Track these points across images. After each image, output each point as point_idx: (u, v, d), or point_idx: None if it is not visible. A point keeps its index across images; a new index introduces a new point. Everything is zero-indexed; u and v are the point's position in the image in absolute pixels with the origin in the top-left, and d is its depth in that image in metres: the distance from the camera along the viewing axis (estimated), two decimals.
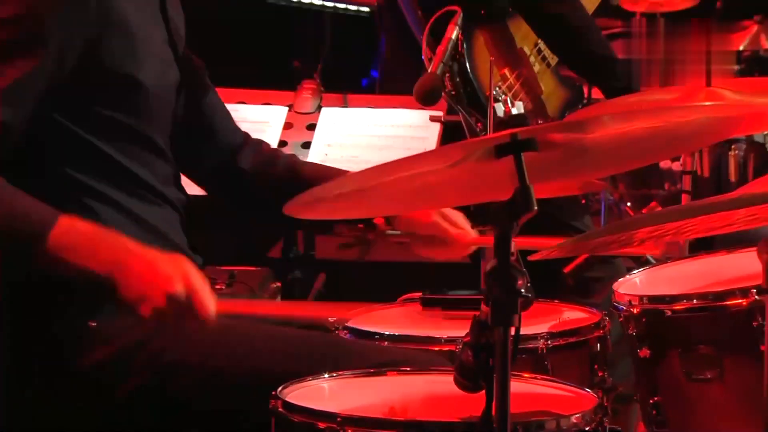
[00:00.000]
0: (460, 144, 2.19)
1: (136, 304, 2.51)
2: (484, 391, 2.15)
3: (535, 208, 2.11)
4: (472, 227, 3.07)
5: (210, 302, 2.53)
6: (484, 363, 2.14)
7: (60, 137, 2.65)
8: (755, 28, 6.26)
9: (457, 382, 2.20)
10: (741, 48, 6.21)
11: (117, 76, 2.69)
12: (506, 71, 4.08)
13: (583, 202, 4.65)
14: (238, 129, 3.12)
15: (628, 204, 5.28)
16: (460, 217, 3.02)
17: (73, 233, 2.52)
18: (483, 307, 2.16)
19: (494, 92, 4.07)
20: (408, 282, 3.30)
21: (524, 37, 4.26)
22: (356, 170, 2.81)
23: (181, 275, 2.53)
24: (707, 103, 2.81)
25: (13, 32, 2.57)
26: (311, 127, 3.62)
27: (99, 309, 2.62)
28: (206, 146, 3.03)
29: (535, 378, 2.58)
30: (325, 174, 3.04)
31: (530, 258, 2.36)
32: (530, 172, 2.12)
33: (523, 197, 2.09)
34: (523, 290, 2.11)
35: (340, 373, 2.55)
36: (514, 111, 2.15)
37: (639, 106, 2.85)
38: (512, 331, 2.10)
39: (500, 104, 2.20)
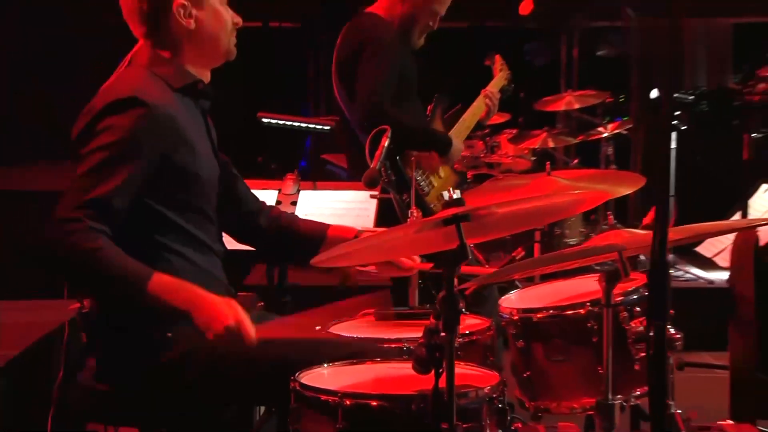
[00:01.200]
0: (423, 220, 2.26)
1: (204, 331, 2.53)
2: (432, 374, 2.16)
3: (470, 256, 2.19)
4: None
5: (251, 331, 2.54)
6: (434, 355, 2.17)
7: (149, 214, 2.64)
8: (545, 134, 6.37)
9: (414, 368, 2.20)
10: (536, 147, 6.33)
11: (185, 173, 2.68)
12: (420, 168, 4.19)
13: None
14: (257, 198, 3.09)
15: None
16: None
17: (163, 284, 2.52)
18: (432, 319, 2.19)
19: (418, 179, 4.18)
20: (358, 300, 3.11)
21: None
22: None
23: (233, 313, 2.54)
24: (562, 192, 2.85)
25: (121, 149, 2.55)
26: (294, 203, 3.61)
27: (174, 325, 2.61)
28: (237, 213, 3.00)
29: (458, 363, 2.46)
30: (311, 225, 3.09)
31: (462, 286, 2.40)
32: (465, 232, 2.19)
33: (461, 251, 2.17)
34: (463, 310, 2.25)
35: (333, 363, 2.53)
36: (455, 196, 2.22)
37: (512, 197, 2.92)
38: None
39: (445, 192, 2.25)
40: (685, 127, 6.14)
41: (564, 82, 8.71)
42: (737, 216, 3.72)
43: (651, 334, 2.12)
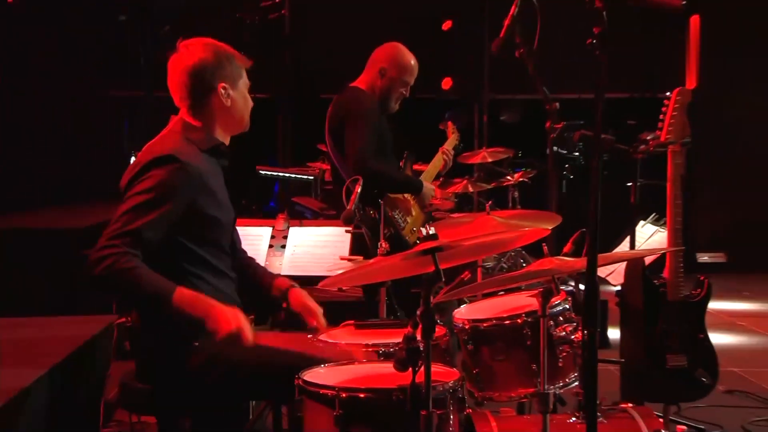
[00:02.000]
0: (406, 252, 2.26)
1: (216, 333, 2.49)
2: (409, 371, 2.13)
3: (443, 279, 2.19)
4: None
5: (250, 334, 2.53)
6: (412, 357, 2.13)
7: (180, 249, 2.61)
8: (465, 181, 6.39)
9: (395, 367, 2.15)
10: (459, 191, 6.35)
11: (208, 217, 2.65)
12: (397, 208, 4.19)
13: None
14: (238, 242, 2.98)
15: None
16: None
17: (185, 297, 2.49)
18: (410, 328, 2.15)
19: (397, 217, 4.20)
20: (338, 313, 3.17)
21: None
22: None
23: (236, 320, 2.51)
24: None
25: (157, 194, 2.53)
26: (285, 237, 3.56)
27: (199, 336, 2.57)
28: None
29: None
30: (261, 272, 3.02)
31: (436, 300, 2.31)
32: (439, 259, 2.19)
33: (436, 275, 2.18)
34: (438, 321, 2.24)
35: (328, 364, 2.49)
36: (431, 232, 2.21)
37: (462, 232, 2.92)
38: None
39: (423, 228, 2.24)
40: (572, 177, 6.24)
41: (477, 141, 8.82)
42: (625, 246, 3.78)
43: (586, 337, 2.19)
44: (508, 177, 6.90)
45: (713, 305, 3.64)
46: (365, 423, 2.25)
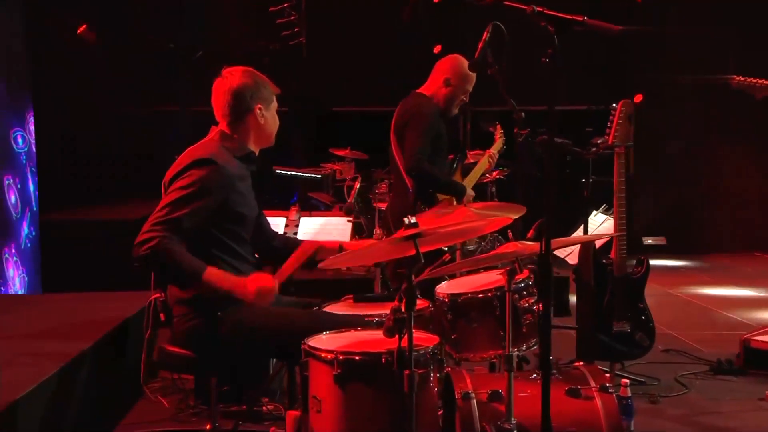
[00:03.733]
0: (392, 237, 2.23)
1: (244, 299, 2.50)
2: (397, 338, 2.12)
3: (422, 260, 2.15)
4: None
5: (271, 287, 2.51)
6: (399, 325, 2.12)
7: (211, 237, 2.58)
8: None
9: (384, 334, 2.15)
10: None
11: (237, 213, 2.63)
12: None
13: None
14: (272, 229, 2.99)
15: None
16: None
17: (213, 274, 2.48)
18: (396, 301, 2.12)
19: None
20: (341, 289, 3.20)
21: None
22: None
23: (255, 283, 2.50)
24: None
25: (195, 188, 2.51)
26: (297, 225, 3.52)
27: (223, 307, 2.56)
28: (260, 238, 2.87)
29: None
30: (294, 243, 2.94)
31: (416, 279, 2.25)
32: (421, 244, 2.15)
33: (417, 256, 2.14)
34: (418, 295, 2.20)
35: (329, 331, 2.47)
36: (412, 221, 2.17)
37: (444, 220, 2.81)
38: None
39: (406, 219, 2.20)
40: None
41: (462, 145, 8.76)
42: (580, 231, 3.73)
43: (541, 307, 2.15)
44: (487, 174, 6.85)
45: (655, 279, 3.60)
46: (360, 380, 2.23)
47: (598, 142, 3.42)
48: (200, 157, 2.56)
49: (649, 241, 8.31)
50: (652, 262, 3.63)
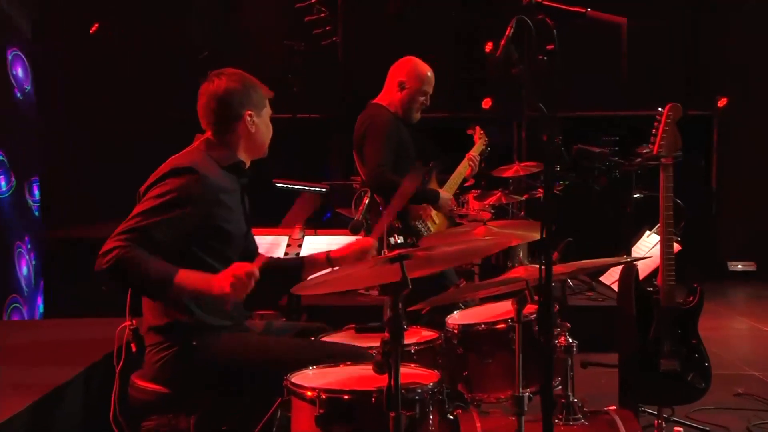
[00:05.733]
0: (375, 259, 2.21)
1: (222, 299, 2.43)
2: (387, 375, 2.08)
3: (410, 286, 2.11)
4: None
5: (253, 271, 2.43)
6: (387, 360, 2.09)
7: (192, 256, 2.54)
8: (500, 193, 6.20)
9: (374, 369, 2.11)
10: (495, 202, 6.18)
11: (220, 229, 2.60)
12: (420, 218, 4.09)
13: None
14: (256, 250, 2.92)
15: None
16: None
17: (186, 275, 2.43)
18: (387, 333, 2.09)
19: (419, 226, 4.04)
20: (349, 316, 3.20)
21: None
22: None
23: (229, 277, 2.42)
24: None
25: (169, 197, 2.49)
26: (300, 245, 3.53)
27: (198, 335, 2.56)
28: (249, 254, 2.79)
29: (409, 365, 2.51)
30: (290, 259, 2.96)
31: (411, 308, 2.27)
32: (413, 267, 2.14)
33: (403, 282, 2.11)
34: (405, 326, 2.16)
35: (317, 366, 2.45)
36: (399, 241, 2.16)
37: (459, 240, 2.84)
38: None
39: (391, 238, 2.19)
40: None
41: (516, 155, 8.70)
42: (638, 247, 3.64)
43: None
44: (540, 189, 6.79)
45: (741, 310, 3.46)
46: (345, 423, 2.20)
47: (643, 152, 3.34)
48: (179, 166, 2.55)
49: (738, 266, 8.07)
50: (740, 290, 3.51)
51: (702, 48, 8.12)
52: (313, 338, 2.84)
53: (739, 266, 8.10)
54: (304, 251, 3.50)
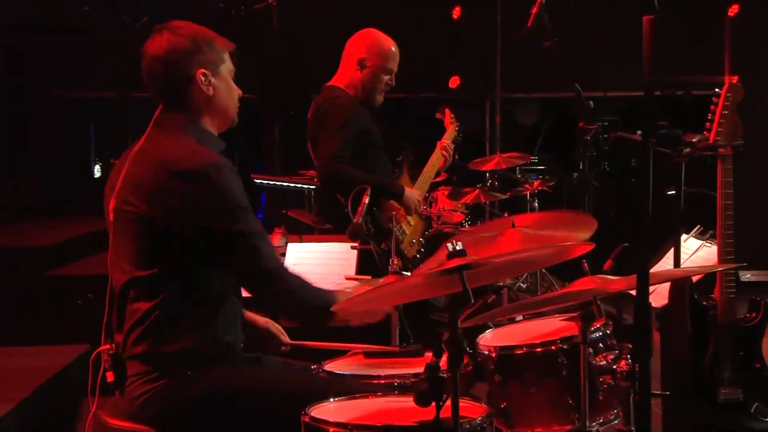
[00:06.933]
0: (430, 271, 2.23)
1: None
2: (433, 406, 2.08)
3: (473, 301, 2.14)
4: None
5: None
6: (436, 389, 2.09)
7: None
8: (477, 191, 6.33)
9: (415, 401, 2.11)
10: (470, 202, 6.29)
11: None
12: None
13: None
14: None
15: None
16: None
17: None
18: (432, 357, 2.11)
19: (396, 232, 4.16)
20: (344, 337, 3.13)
21: None
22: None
23: None
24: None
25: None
26: (282, 255, 3.51)
27: (194, 365, 2.54)
28: None
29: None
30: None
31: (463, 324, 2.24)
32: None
33: (465, 295, 2.13)
34: (467, 348, 2.19)
35: (337, 399, 2.45)
36: (458, 247, 2.18)
37: (486, 249, 2.88)
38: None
39: (450, 244, 2.21)
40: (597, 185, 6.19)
41: (489, 146, 8.81)
42: (667, 260, 3.72)
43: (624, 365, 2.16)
44: (526, 185, 6.88)
45: None
46: None
47: (694, 140, 3.43)
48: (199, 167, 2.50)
49: (747, 276, 8.32)
50: None
51: None
52: (314, 366, 2.84)
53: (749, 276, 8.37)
54: (288, 262, 3.48)
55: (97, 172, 8.74)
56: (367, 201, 3.22)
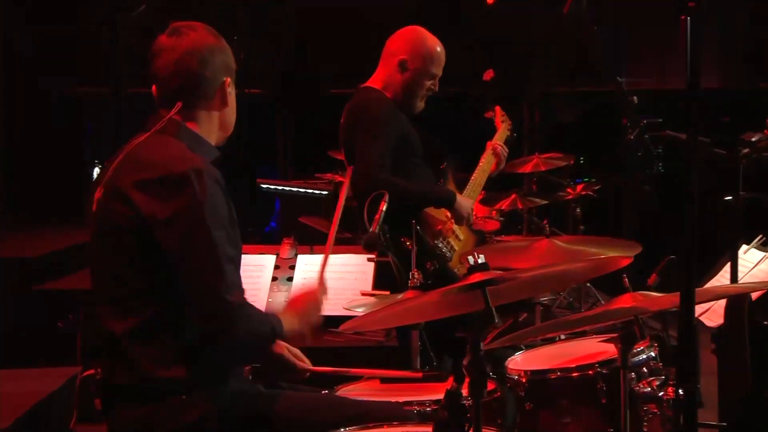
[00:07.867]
0: (451, 287, 2.25)
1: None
2: None
3: (496, 321, 2.16)
4: None
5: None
6: (457, 419, 2.14)
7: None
8: (514, 196, 6.33)
9: (435, 431, 2.14)
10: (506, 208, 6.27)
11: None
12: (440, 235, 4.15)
13: None
14: None
15: None
16: None
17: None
18: (453, 382, 2.14)
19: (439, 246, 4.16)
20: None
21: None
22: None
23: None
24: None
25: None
26: (292, 267, 3.53)
27: (188, 389, 2.53)
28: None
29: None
30: None
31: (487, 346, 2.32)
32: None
33: (488, 314, 2.14)
34: (490, 374, 2.20)
35: (349, 428, 2.47)
36: (480, 260, 2.18)
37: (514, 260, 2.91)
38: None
39: (470, 257, 2.21)
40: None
41: (527, 146, 8.78)
42: (725, 275, 3.70)
43: (681, 395, 2.16)
44: (568, 190, 6.85)
45: None
46: None
47: (753, 139, 3.42)
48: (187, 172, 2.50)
49: None
50: None
51: None
52: (326, 392, 2.87)
53: None
54: (298, 275, 3.49)
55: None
56: (384, 208, 3.22)
